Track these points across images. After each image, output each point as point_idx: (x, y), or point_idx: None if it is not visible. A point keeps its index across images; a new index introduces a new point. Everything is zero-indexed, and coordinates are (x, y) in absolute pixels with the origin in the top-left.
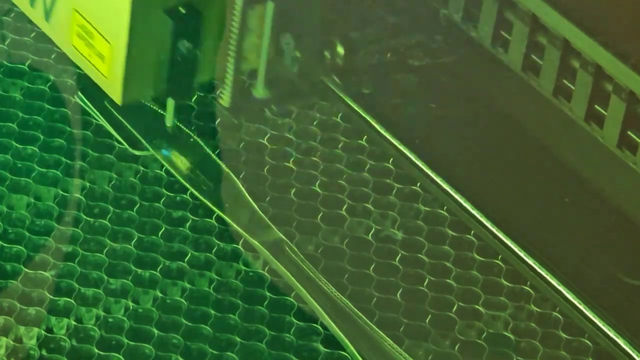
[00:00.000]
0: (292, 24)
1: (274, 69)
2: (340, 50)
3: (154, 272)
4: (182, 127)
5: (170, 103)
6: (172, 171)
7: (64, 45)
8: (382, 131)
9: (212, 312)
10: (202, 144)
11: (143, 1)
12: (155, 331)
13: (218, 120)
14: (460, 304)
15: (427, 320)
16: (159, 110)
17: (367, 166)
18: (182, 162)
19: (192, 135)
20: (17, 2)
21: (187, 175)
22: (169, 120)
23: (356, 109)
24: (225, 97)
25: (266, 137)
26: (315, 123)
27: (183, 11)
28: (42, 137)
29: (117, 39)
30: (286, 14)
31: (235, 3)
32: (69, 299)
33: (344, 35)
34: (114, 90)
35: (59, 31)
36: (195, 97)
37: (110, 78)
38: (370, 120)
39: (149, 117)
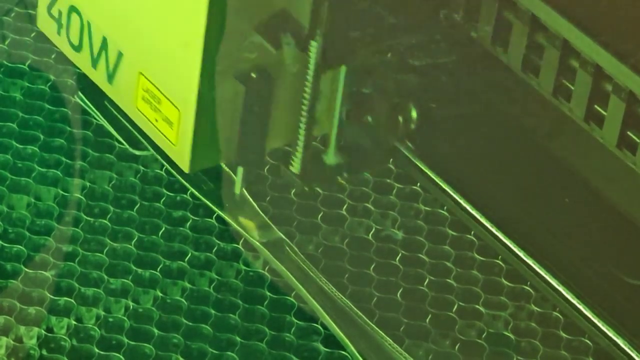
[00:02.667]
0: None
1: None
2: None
3: (154, 271)
4: (248, 196)
5: (240, 171)
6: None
7: (128, 108)
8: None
9: (213, 311)
10: (265, 218)
11: (213, 66)
12: (156, 331)
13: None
14: (460, 303)
15: (427, 320)
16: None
17: None
18: (249, 225)
19: (255, 206)
20: (78, 64)
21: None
22: (238, 188)
23: None
24: (295, 164)
25: None
26: None
27: (254, 76)
28: (42, 137)
29: (185, 105)
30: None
31: (308, 67)
32: (69, 299)
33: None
34: (182, 158)
35: (123, 94)
36: (268, 166)
37: (179, 145)
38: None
39: (217, 180)
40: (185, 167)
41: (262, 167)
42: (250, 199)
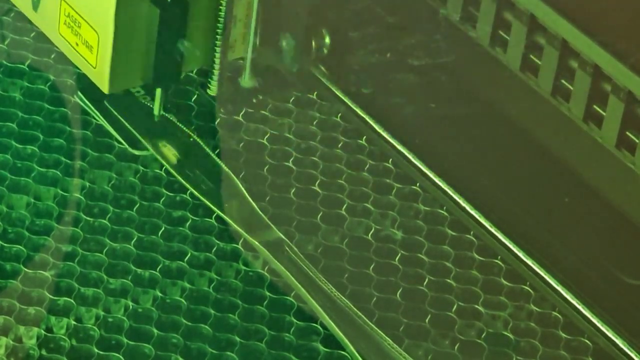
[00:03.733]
0: (280, 13)
1: (261, 60)
2: (327, 40)
3: (154, 271)
4: (168, 116)
5: (158, 92)
6: (162, 161)
7: (51, 34)
8: (381, 131)
9: (212, 311)
10: (188, 130)
11: None
12: (155, 331)
13: (198, 108)
14: (460, 303)
15: (426, 320)
16: (145, 102)
17: (367, 166)
18: (171, 153)
19: (178, 123)
20: None
21: (175, 166)
22: (157, 109)
23: (353, 107)
24: (212, 87)
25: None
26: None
27: (169, 0)
28: (42, 136)
29: (104, 28)
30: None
31: None
32: (68, 299)
33: (333, 24)
34: (102, 80)
35: (47, 20)
36: (183, 89)
37: (98, 67)
38: (368, 120)
39: (138, 108)
40: (104, 88)
41: (177, 86)
42: (172, 118)
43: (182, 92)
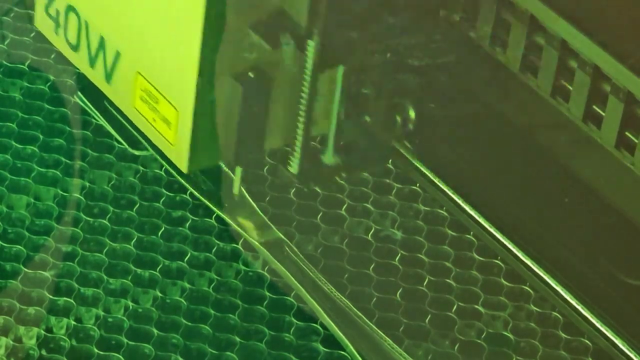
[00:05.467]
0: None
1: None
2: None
3: (154, 272)
4: (247, 195)
5: (238, 171)
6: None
7: (126, 108)
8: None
9: (212, 311)
10: (261, 214)
11: (211, 66)
12: (155, 331)
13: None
14: (459, 303)
15: (426, 320)
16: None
17: None
18: (248, 225)
19: (254, 205)
20: (76, 63)
21: (261, 244)
22: (236, 188)
23: None
24: (293, 164)
25: None
26: None
27: (252, 76)
28: (41, 137)
29: (183, 105)
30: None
31: (306, 67)
32: (68, 299)
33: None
34: (181, 158)
35: (121, 94)
36: (267, 166)
37: (176, 145)
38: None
39: (217, 181)
40: (183, 167)
41: (260, 167)
42: (249, 199)
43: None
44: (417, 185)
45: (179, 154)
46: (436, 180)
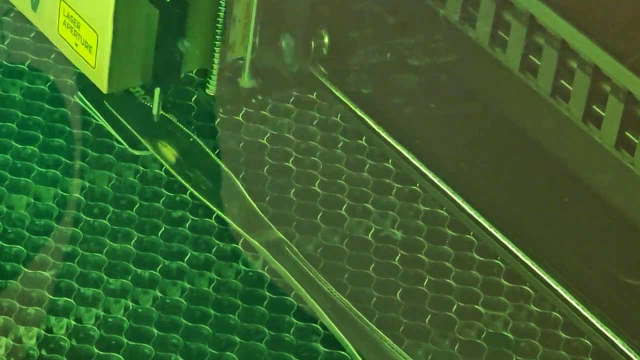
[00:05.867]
0: (279, 14)
1: (260, 60)
2: (326, 40)
3: (154, 272)
4: (168, 116)
5: (157, 92)
6: (162, 161)
7: (51, 34)
8: (381, 131)
9: (212, 312)
10: (187, 130)
11: None
12: (155, 331)
13: (197, 108)
14: (459, 303)
15: (426, 320)
16: (145, 102)
17: (367, 166)
18: (170, 153)
19: (177, 122)
20: None
21: (175, 165)
22: (156, 109)
23: (352, 107)
24: (211, 87)
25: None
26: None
27: (169, 0)
28: (41, 137)
29: (103, 28)
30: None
31: None
32: (68, 299)
33: (332, 25)
34: (101, 79)
35: (46, 21)
36: (183, 89)
37: (97, 67)
38: (368, 120)
39: (138, 108)
40: (103, 87)
41: (176, 86)
42: (172, 118)
43: (182, 92)
44: (417, 185)
45: (99, 76)
46: (436, 180)
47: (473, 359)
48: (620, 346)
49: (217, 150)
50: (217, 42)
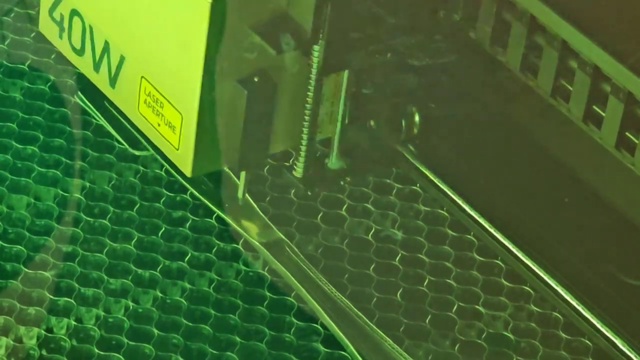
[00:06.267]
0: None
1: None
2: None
3: (154, 272)
4: (251, 200)
5: (243, 175)
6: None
7: (130, 112)
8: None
9: (212, 312)
10: (265, 218)
11: (214, 70)
12: (155, 331)
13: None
14: (460, 304)
15: (427, 320)
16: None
17: None
18: (252, 228)
19: (256, 208)
20: (81, 67)
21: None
22: (241, 192)
23: None
24: (298, 168)
25: None
26: None
27: (257, 80)
28: (42, 137)
29: (188, 109)
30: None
31: (311, 72)
32: (69, 299)
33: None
34: (185, 162)
35: (125, 98)
36: (268, 167)
37: (181, 149)
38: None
39: (217, 181)
40: (187, 171)
41: (263, 169)
42: (253, 203)
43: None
44: (418, 185)
45: (183, 158)
46: (436, 181)
47: (473, 359)
48: (620, 346)
49: None
50: (305, 122)
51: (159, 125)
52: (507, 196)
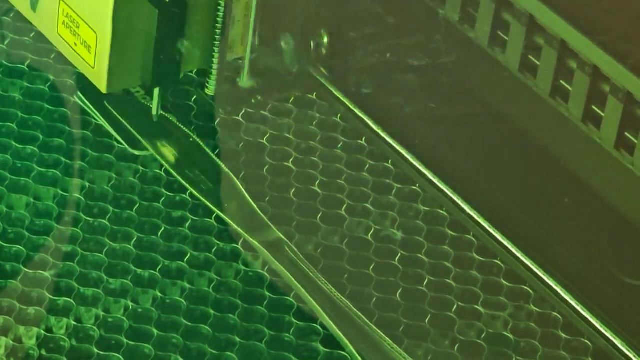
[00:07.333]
0: (278, 13)
1: (260, 60)
2: (326, 40)
3: (154, 272)
4: (168, 116)
5: (156, 92)
6: (161, 161)
7: (50, 34)
8: (380, 131)
9: (212, 312)
10: (186, 130)
11: None
12: (155, 331)
13: (197, 108)
14: (459, 304)
15: (426, 320)
16: (145, 102)
17: (367, 166)
18: (170, 153)
19: (177, 122)
20: None
21: (174, 165)
22: (155, 109)
23: (352, 107)
24: (210, 87)
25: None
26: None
27: (168, 0)
28: (41, 137)
29: (102, 28)
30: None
31: None
32: (68, 299)
33: (331, 25)
34: (100, 79)
35: (45, 20)
36: (182, 89)
37: (97, 67)
38: (368, 120)
39: (137, 108)
40: (102, 87)
41: (176, 87)
42: (171, 118)
43: (182, 93)
44: (417, 185)
45: (99, 76)
46: (436, 181)
47: (473, 359)
48: (620, 346)
49: (217, 151)
50: (216, 42)
51: (75, 45)
52: (506, 196)
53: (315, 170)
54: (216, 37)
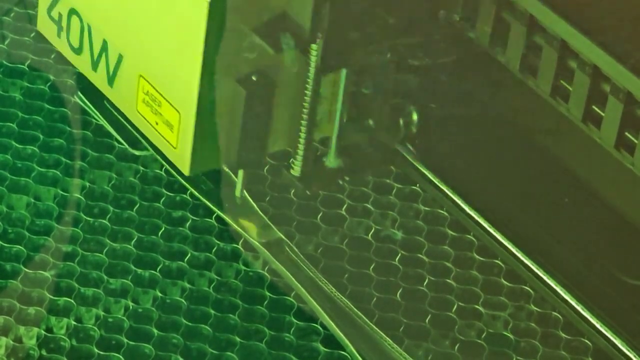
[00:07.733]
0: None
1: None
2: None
3: (154, 272)
4: (249, 198)
5: (241, 174)
6: (246, 236)
7: (129, 111)
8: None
9: (212, 311)
10: (265, 218)
11: (213, 69)
12: (155, 331)
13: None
14: (460, 303)
15: (426, 320)
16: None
17: None
18: (250, 226)
19: (256, 208)
20: (79, 66)
21: (262, 244)
22: (239, 190)
23: None
24: (296, 167)
25: None
26: None
27: (255, 79)
28: (42, 137)
29: (186, 108)
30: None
31: (309, 70)
32: (68, 299)
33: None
34: (183, 161)
35: (123, 97)
36: (267, 166)
37: (179, 148)
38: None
39: (217, 181)
40: (185, 170)
41: (262, 168)
42: (251, 201)
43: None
44: (417, 185)
45: (181, 157)
46: (436, 181)
47: (473, 359)
48: (620, 346)
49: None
50: (303, 121)
51: (157, 124)
52: (506, 196)
53: None
54: (303, 115)
